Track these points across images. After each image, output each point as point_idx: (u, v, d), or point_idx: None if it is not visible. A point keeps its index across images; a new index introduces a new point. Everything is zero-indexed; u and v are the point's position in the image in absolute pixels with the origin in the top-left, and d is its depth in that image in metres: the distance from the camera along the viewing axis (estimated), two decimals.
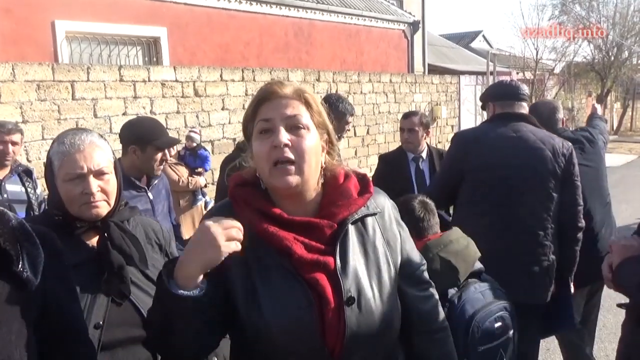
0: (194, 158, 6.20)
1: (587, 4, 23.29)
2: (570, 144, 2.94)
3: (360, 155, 10.34)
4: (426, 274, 1.55)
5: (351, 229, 1.39)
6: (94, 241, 1.72)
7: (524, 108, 3.01)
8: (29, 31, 7.32)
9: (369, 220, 1.43)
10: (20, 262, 1.20)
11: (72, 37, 7.84)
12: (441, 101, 12.42)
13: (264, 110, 1.34)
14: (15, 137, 3.78)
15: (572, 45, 20.52)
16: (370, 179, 1.49)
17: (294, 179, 1.30)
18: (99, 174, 1.68)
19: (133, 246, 1.72)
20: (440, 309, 1.56)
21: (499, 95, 3.08)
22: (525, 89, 3.09)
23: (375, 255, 1.40)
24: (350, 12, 12.40)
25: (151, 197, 3.07)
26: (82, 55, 8.00)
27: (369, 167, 10.43)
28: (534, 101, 17.35)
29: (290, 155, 1.30)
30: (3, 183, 3.67)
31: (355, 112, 3.92)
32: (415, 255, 1.53)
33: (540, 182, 2.79)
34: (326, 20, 11.88)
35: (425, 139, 4.08)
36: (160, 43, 8.82)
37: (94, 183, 1.66)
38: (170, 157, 5.90)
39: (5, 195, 3.57)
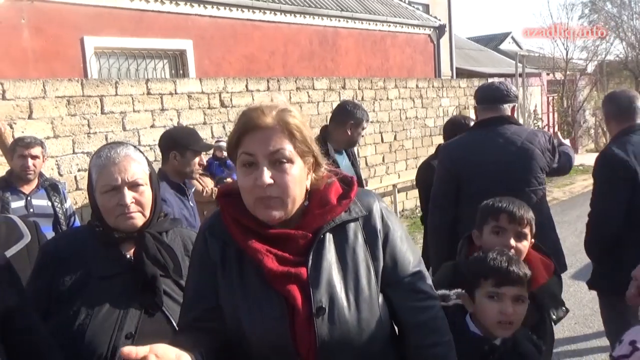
0: (222, 168, 6.24)
1: (618, 1, 22.77)
2: (550, 134, 3.16)
3: (388, 161, 10.26)
4: (422, 284, 1.46)
5: (328, 237, 1.38)
6: (131, 252, 1.76)
7: (505, 110, 3.08)
8: (59, 48, 7.49)
9: (351, 226, 1.41)
10: None
11: (100, 53, 8.00)
12: (469, 105, 12.26)
13: (247, 143, 1.34)
14: (35, 151, 3.79)
15: (604, 44, 20.07)
16: (356, 182, 1.48)
17: (277, 213, 1.33)
18: (134, 186, 1.72)
19: (168, 257, 1.75)
20: (442, 321, 1.46)
21: (479, 99, 3.17)
22: (506, 89, 3.10)
23: (355, 263, 1.38)
24: (375, 19, 12.35)
25: (192, 204, 3.20)
26: (111, 70, 8.15)
27: (397, 174, 10.35)
28: (565, 104, 17.05)
29: (273, 193, 1.31)
30: (29, 197, 3.71)
31: (369, 118, 4.00)
32: (407, 262, 1.45)
33: (535, 178, 2.97)
34: (351, 28, 11.87)
35: None
36: (186, 56, 8.93)
37: (129, 195, 1.70)
38: (200, 164, 5.99)
39: (31, 210, 3.61)
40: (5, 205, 3.54)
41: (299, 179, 1.35)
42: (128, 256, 1.75)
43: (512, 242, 2.05)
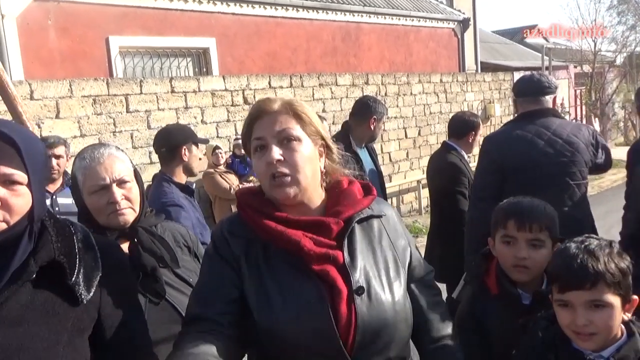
0: (244, 165, 6.26)
1: None
2: (593, 129, 3.12)
3: (412, 157, 10.19)
4: (433, 281, 1.57)
5: (357, 227, 1.44)
6: (125, 247, 1.77)
7: (547, 102, 3.07)
8: (85, 48, 7.60)
9: (375, 222, 1.49)
10: (75, 275, 1.24)
11: (125, 52, 8.09)
12: (494, 99, 12.11)
13: (257, 129, 1.40)
14: (59, 150, 3.83)
15: (633, 35, 19.58)
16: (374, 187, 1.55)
17: (291, 190, 1.37)
18: (121, 183, 1.75)
19: (163, 248, 1.80)
20: (449, 317, 1.55)
21: (520, 92, 3.15)
22: (547, 81, 3.08)
23: (383, 253, 1.45)
24: (398, 13, 12.26)
25: (196, 202, 3.16)
26: (135, 69, 8.24)
27: (422, 169, 10.26)
28: (593, 96, 16.71)
29: (284, 169, 1.36)
30: (55, 196, 3.74)
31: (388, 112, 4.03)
32: (423, 261, 1.56)
33: (580, 172, 2.96)
34: (373, 23, 11.80)
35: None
36: (209, 53, 8.97)
37: (118, 192, 1.74)
38: (220, 165, 6.03)
39: (57, 208, 3.64)
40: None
41: (308, 157, 1.39)
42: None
43: (524, 252, 1.76)
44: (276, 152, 1.35)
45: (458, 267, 3.17)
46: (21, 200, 1.20)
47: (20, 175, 1.19)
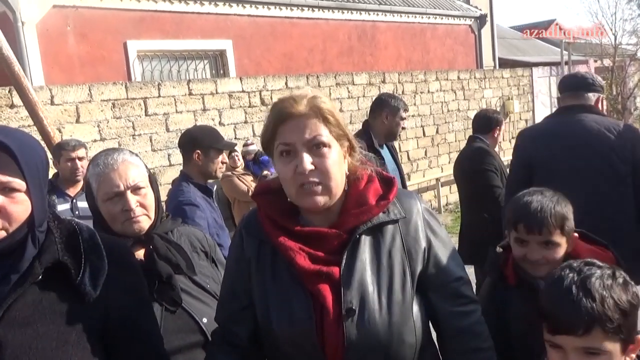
0: (258, 166, 6.28)
1: None
2: (636, 128, 2.94)
3: (430, 155, 10.13)
4: (465, 289, 1.44)
5: (364, 238, 1.36)
6: (141, 255, 1.75)
7: (589, 99, 2.95)
8: (103, 53, 7.68)
9: (389, 228, 1.38)
10: (80, 275, 1.24)
11: (143, 56, 8.16)
12: (513, 95, 11.98)
13: (283, 133, 1.33)
14: (81, 153, 3.86)
15: None
16: (396, 183, 1.45)
17: (322, 199, 1.32)
18: (136, 190, 1.71)
19: (179, 255, 1.76)
20: (483, 327, 1.44)
21: (562, 88, 3.09)
22: (591, 78, 2.99)
23: (390, 266, 1.35)
24: (414, 11, 12.18)
25: (216, 205, 3.16)
26: (153, 73, 8.31)
27: (440, 167, 10.20)
28: (614, 91, 16.43)
29: (315, 178, 1.30)
30: (75, 200, 3.76)
31: (407, 108, 4.04)
32: (451, 266, 1.42)
33: (610, 168, 2.74)
34: (389, 21, 11.75)
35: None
36: (226, 55, 9.02)
37: (132, 199, 1.70)
38: (237, 168, 6.05)
39: (77, 212, 3.66)
40: (51, 208, 3.60)
41: (338, 162, 1.34)
42: (139, 259, 1.74)
43: (537, 255, 1.74)
44: (307, 162, 1.29)
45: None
46: (20, 207, 1.19)
47: (18, 183, 1.19)
